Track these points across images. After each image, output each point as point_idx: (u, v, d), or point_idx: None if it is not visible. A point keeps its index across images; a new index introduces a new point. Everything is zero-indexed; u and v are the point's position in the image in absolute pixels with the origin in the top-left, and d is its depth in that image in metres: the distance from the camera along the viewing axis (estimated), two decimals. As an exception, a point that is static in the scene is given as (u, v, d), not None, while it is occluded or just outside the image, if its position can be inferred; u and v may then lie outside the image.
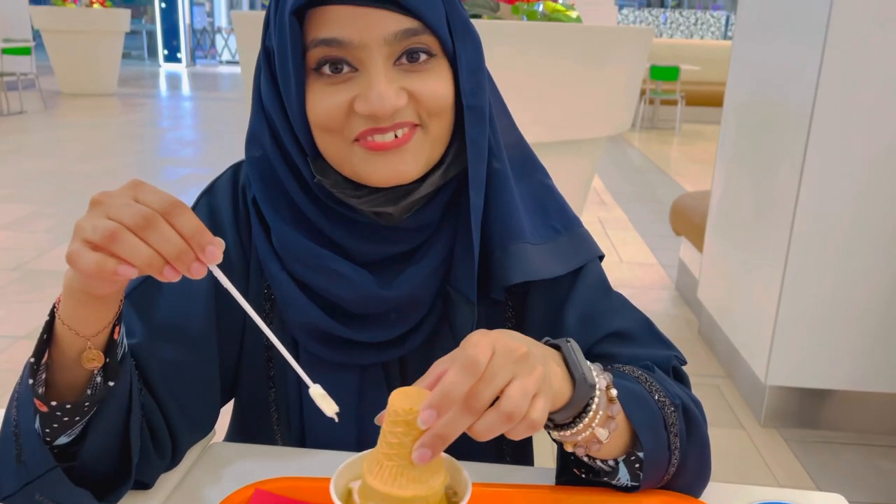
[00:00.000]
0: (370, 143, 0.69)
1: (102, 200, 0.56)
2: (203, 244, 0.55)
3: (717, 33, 15.45)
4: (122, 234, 0.53)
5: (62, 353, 0.62)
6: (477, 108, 0.73)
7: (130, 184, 0.58)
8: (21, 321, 3.05)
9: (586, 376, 0.60)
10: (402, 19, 0.67)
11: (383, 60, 0.67)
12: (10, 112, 8.40)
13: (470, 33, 0.72)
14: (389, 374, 0.82)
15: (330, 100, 0.69)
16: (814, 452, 2.30)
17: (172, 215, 0.55)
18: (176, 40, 16.16)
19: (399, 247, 0.77)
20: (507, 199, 0.75)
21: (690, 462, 0.69)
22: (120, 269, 0.54)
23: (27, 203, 4.78)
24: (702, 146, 7.81)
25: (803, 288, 2.31)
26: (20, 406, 0.64)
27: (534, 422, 0.53)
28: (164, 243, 0.54)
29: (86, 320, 0.60)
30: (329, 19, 0.67)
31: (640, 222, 4.85)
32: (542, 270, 0.75)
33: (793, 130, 2.29)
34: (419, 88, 0.69)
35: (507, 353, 0.53)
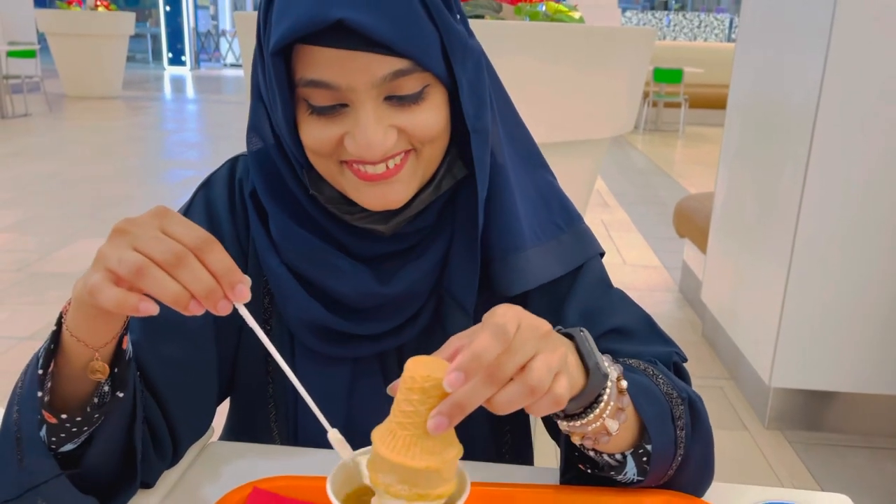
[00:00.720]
0: (360, 172, 0.69)
1: (128, 230, 0.54)
2: (233, 283, 0.54)
3: (721, 36, 15.44)
4: (149, 269, 0.52)
5: (68, 362, 0.61)
6: (482, 130, 0.71)
7: (156, 212, 0.56)
8: (24, 323, 3.05)
9: (600, 366, 0.60)
10: (392, 61, 0.64)
11: (373, 101, 0.65)
12: (14, 115, 8.42)
13: (468, 52, 0.69)
14: (386, 365, 0.81)
15: (321, 133, 0.68)
16: (818, 455, 2.29)
17: (203, 252, 0.54)
18: (180, 43, 16.21)
19: (397, 246, 0.76)
20: (507, 205, 0.75)
21: (694, 457, 0.69)
22: (142, 307, 0.53)
23: (31, 205, 4.79)
24: (705, 148, 7.80)
25: (807, 289, 2.30)
26: (22, 411, 0.63)
27: (558, 397, 0.52)
28: (194, 281, 0.53)
29: (94, 332, 0.59)
30: (315, 60, 0.64)
31: (644, 224, 4.84)
32: (541, 275, 0.75)
33: (796, 132, 2.28)
34: (410, 123, 0.67)
35: (532, 329, 0.53)
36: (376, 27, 0.61)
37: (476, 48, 0.71)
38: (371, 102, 0.65)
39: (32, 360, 0.65)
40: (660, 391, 0.67)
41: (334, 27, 0.61)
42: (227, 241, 0.79)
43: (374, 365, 0.81)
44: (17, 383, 0.65)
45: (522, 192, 0.78)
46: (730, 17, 15.57)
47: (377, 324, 0.78)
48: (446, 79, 0.68)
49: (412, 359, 0.53)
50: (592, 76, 2.09)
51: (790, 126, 2.34)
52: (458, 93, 0.69)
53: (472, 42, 0.70)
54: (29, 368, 0.65)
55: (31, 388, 0.62)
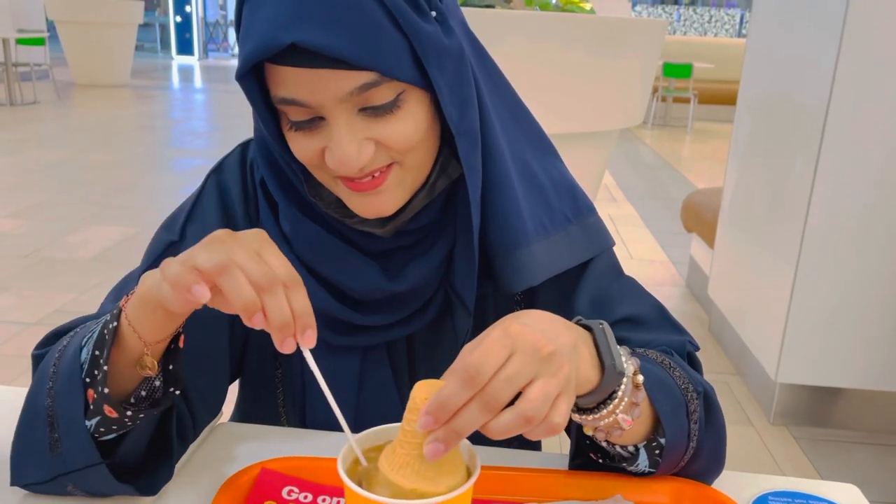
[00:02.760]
0: (348, 183, 0.68)
1: (226, 241, 0.55)
2: (307, 326, 0.55)
3: (732, 31, 15.35)
4: (234, 269, 0.53)
5: (122, 355, 0.61)
6: (468, 132, 0.69)
7: (256, 236, 0.57)
8: (32, 308, 3.06)
9: (616, 364, 0.58)
10: (356, 75, 0.62)
11: (345, 115, 0.64)
12: (23, 102, 8.44)
13: (444, 53, 0.65)
14: (395, 354, 0.81)
15: (305, 146, 0.67)
16: (824, 450, 2.28)
17: (292, 289, 0.55)
18: (189, 33, 16.21)
19: (402, 241, 0.76)
20: (506, 201, 0.72)
21: (707, 449, 0.69)
22: (195, 289, 0.54)
23: (39, 191, 4.80)
24: (714, 144, 7.77)
25: (815, 285, 2.29)
26: (59, 397, 0.62)
27: (554, 425, 0.51)
28: (274, 308, 0.54)
29: (152, 326, 0.60)
30: (283, 79, 0.63)
31: (652, 219, 4.83)
32: (546, 270, 0.74)
33: (807, 127, 2.27)
34: (387, 134, 0.65)
35: (530, 352, 0.51)
36: (332, 45, 0.59)
37: (454, 47, 0.66)
38: (343, 116, 0.64)
39: (71, 346, 0.64)
40: (676, 385, 0.67)
41: (290, 47, 0.60)
42: (240, 226, 0.79)
43: (383, 354, 0.80)
44: (50, 367, 0.65)
45: (528, 180, 0.76)
46: (740, 13, 15.47)
47: (385, 315, 0.77)
48: (423, 83, 0.65)
49: (420, 382, 0.53)
50: (603, 67, 2.08)
51: (801, 121, 2.33)
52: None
53: (449, 41, 0.66)
54: (65, 353, 0.64)
55: (71, 373, 0.61)
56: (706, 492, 0.69)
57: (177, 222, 0.78)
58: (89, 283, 3.34)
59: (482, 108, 0.71)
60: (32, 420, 0.64)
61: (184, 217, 0.78)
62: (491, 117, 0.72)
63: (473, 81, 0.70)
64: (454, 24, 0.67)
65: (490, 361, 0.50)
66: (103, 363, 0.60)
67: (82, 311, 2.99)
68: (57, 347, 0.67)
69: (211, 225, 0.77)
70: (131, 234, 4.03)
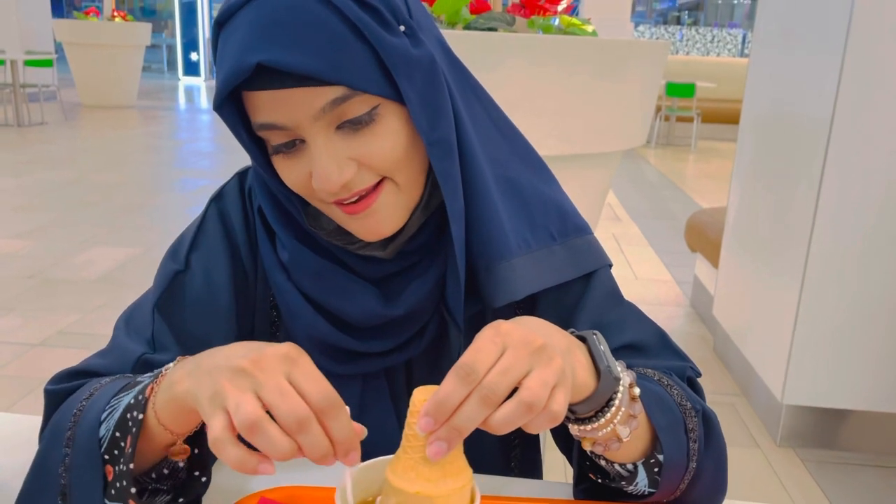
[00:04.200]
0: (341, 207, 0.68)
1: (251, 371, 0.52)
2: (349, 451, 0.53)
3: (734, 51, 15.43)
4: (263, 427, 0.50)
5: (146, 441, 0.60)
6: (440, 142, 0.68)
7: (286, 355, 0.53)
8: (36, 329, 3.07)
9: (611, 369, 0.59)
10: (325, 91, 0.62)
11: (323, 133, 0.64)
12: (31, 123, 8.52)
13: (413, 64, 0.65)
14: (394, 380, 0.81)
15: (292, 173, 0.67)
16: (831, 473, 2.26)
17: (329, 417, 0.52)
18: (195, 54, 16.36)
19: (400, 264, 0.76)
20: (487, 213, 0.72)
21: (707, 471, 0.68)
22: (261, 468, 0.51)
23: (45, 212, 4.83)
24: (717, 163, 7.78)
25: (821, 305, 2.28)
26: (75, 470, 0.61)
27: (554, 413, 0.52)
28: (310, 447, 0.51)
29: (181, 422, 0.58)
30: (257, 104, 0.64)
31: (655, 238, 4.83)
32: (528, 286, 0.73)
33: (810, 146, 2.27)
34: (366, 152, 0.66)
35: (521, 346, 0.52)
36: (297, 62, 0.60)
37: (424, 57, 0.66)
38: (321, 135, 0.64)
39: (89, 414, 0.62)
40: (673, 401, 0.67)
41: (259, 71, 0.61)
42: (242, 253, 0.79)
43: (382, 380, 0.80)
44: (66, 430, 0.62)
45: (511, 195, 0.75)
46: (743, 33, 15.56)
47: (383, 341, 0.77)
48: (396, 96, 0.65)
49: (418, 388, 0.54)
50: (606, 89, 2.09)
51: (804, 140, 2.33)
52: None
53: (417, 52, 0.66)
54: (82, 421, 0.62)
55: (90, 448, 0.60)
56: (710, 521, 0.69)
57: (182, 250, 0.78)
58: (94, 304, 3.35)
59: (458, 121, 0.71)
60: (42, 486, 0.63)
61: (188, 245, 0.78)
62: (468, 130, 0.72)
63: (448, 94, 0.70)
64: (425, 38, 0.68)
65: (483, 358, 0.51)
66: (128, 459, 0.58)
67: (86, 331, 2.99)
68: (72, 404, 0.65)
69: (214, 253, 0.78)
70: (137, 254, 4.04)
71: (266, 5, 0.61)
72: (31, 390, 2.58)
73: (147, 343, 0.74)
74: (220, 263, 0.78)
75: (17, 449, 0.67)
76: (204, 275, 0.77)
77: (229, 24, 0.64)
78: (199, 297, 0.76)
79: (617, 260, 4.26)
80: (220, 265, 0.78)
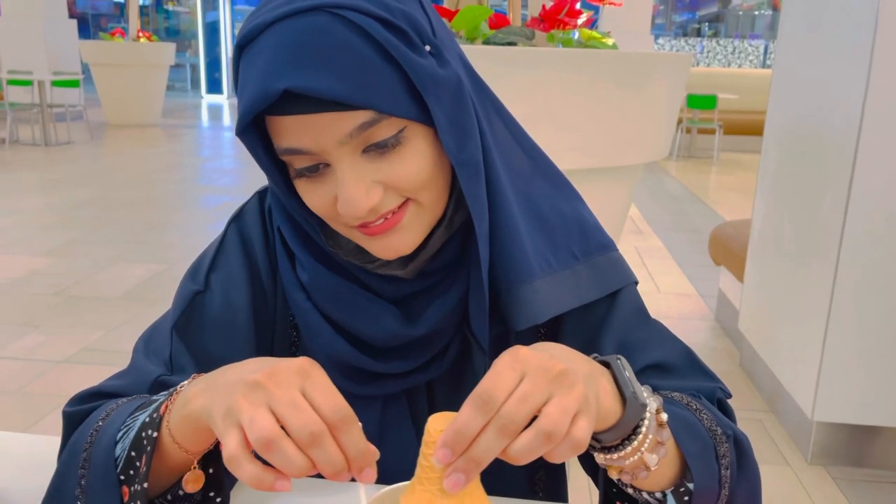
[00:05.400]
0: (363, 229, 0.67)
1: (266, 385, 0.51)
2: (363, 466, 0.52)
3: (756, 62, 15.32)
4: (278, 444, 0.49)
5: (162, 461, 0.60)
6: (468, 163, 0.67)
7: (300, 368, 0.53)
8: (61, 347, 3.10)
9: (637, 395, 0.57)
10: (353, 115, 0.61)
11: (349, 157, 0.63)
12: (58, 142, 8.67)
13: (441, 85, 0.64)
14: (415, 401, 0.80)
15: (316, 197, 0.66)
16: (863, 491, 2.20)
17: (341, 431, 0.51)
18: (218, 72, 16.59)
19: (421, 284, 0.74)
20: (511, 239, 0.71)
21: (740, 498, 0.65)
22: (277, 485, 0.51)
23: (71, 230, 4.90)
24: (740, 175, 7.70)
25: (851, 319, 2.23)
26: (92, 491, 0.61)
27: (577, 441, 0.50)
28: (324, 462, 0.50)
29: (196, 440, 0.58)
30: (282, 129, 0.63)
31: (678, 252, 4.78)
32: (551, 308, 0.71)
33: (838, 157, 2.23)
34: (393, 175, 0.65)
35: (541, 373, 0.50)
36: (325, 87, 0.59)
37: (451, 77, 0.65)
38: (347, 159, 0.63)
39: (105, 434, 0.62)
40: (703, 426, 0.64)
41: (285, 96, 0.60)
42: (262, 273, 0.78)
43: (403, 402, 0.79)
44: (82, 451, 0.62)
45: (532, 215, 0.74)
46: (764, 44, 15.45)
47: (404, 362, 0.76)
48: (423, 118, 0.64)
49: (434, 415, 0.52)
50: (627, 102, 2.07)
51: (831, 151, 2.29)
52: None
53: (444, 73, 0.65)
54: (98, 441, 0.62)
55: (106, 468, 0.60)
56: (743, 547, 0.66)
57: (201, 271, 0.78)
58: (118, 321, 3.37)
59: (482, 140, 0.70)
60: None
61: (207, 265, 0.78)
62: (491, 149, 0.71)
63: (474, 113, 0.69)
64: (450, 57, 0.67)
65: (501, 386, 0.49)
66: (143, 478, 0.58)
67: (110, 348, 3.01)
68: (89, 425, 0.65)
69: (234, 273, 0.77)
70: (160, 270, 4.08)
71: (290, 28, 0.60)
72: (55, 408, 2.59)
73: (165, 364, 0.73)
74: (240, 284, 0.77)
75: (35, 470, 0.66)
76: (223, 295, 0.76)
77: (252, 48, 0.62)
78: (218, 317, 0.76)
79: (640, 274, 4.21)
80: (239, 285, 0.77)
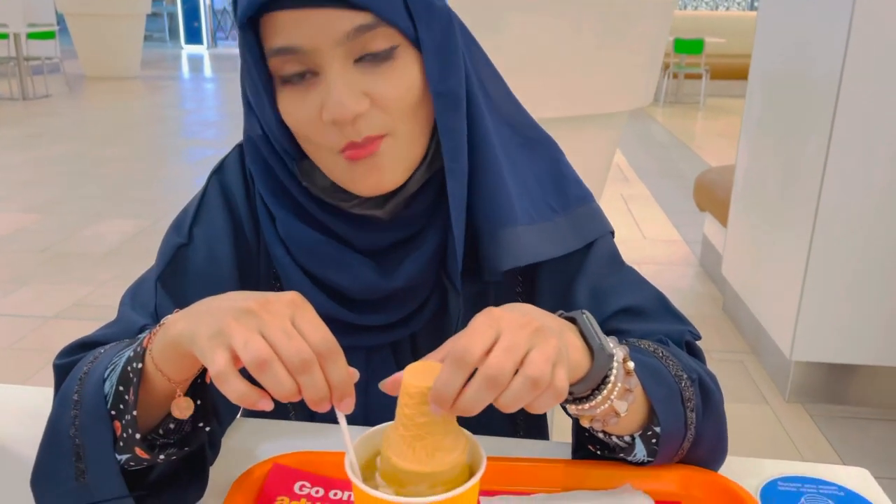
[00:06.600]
0: (347, 152, 0.68)
1: (258, 313, 0.53)
2: (344, 395, 0.54)
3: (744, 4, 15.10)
4: (272, 365, 0.51)
5: (148, 393, 0.61)
6: (448, 95, 0.68)
7: (290, 300, 0.55)
8: (50, 302, 3.11)
9: (604, 346, 0.59)
10: (353, 15, 0.63)
11: (340, 62, 0.64)
12: (35, 96, 8.50)
13: (434, 13, 0.67)
14: (400, 352, 0.82)
15: (300, 110, 0.67)
16: (839, 428, 2.28)
17: (328, 361, 0.53)
18: (197, 22, 16.19)
19: (397, 234, 0.75)
20: (494, 182, 0.72)
21: (707, 437, 0.69)
22: (260, 404, 0.52)
23: (53, 186, 4.85)
24: (726, 120, 7.69)
25: (829, 262, 2.27)
26: (85, 429, 0.62)
27: (559, 389, 0.53)
28: (310, 387, 0.53)
29: (179, 368, 0.59)
30: (279, 26, 0.64)
31: (664, 198, 4.80)
32: (534, 253, 0.73)
33: (820, 102, 2.24)
34: (381, 91, 0.66)
35: (518, 328, 0.53)
36: None
37: (444, 9, 0.68)
38: (338, 63, 0.64)
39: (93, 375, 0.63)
40: (669, 372, 0.67)
41: None
42: (244, 225, 0.79)
43: (389, 354, 0.81)
44: (73, 394, 0.63)
45: (513, 170, 0.75)
46: (752, -15, 15.21)
47: (384, 315, 0.78)
48: (415, 39, 0.66)
49: (408, 367, 0.54)
50: (611, 48, 2.06)
51: (813, 97, 2.30)
52: None
53: (439, 2, 0.68)
54: (87, 381, 0.63)
55: (96, 405, 0.61)
56: (715, 479, 0.70)
57: (184, 224, 0.79)
58: (106, 276, 3.38)
59: (469, 88, 0.71)
60: (56, 450, 0.63)
61: (190, 219, 0.78)
62: (477, 95, 0.72)
63: (461, 53, 0.70)
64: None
65: (476, 342, 0.52)
66: (131, 407, 0.59)
67: (100, 303, 3.02)
68: (78, 370, 0.66)
69: (217, 226, 0.78)
70: (146, 226, 4.07)
71: None
72: (48, 362, 2.60)
73: (150, 315, 0.74)
74: (223, 236, 0.78)
75: (33, 421, 0.68)
76: (207, 247, 0.77)
77: None
78: (202, 269, 0.77)
79: (625, 221, 4.25)
80: (222, 238, 0.78)
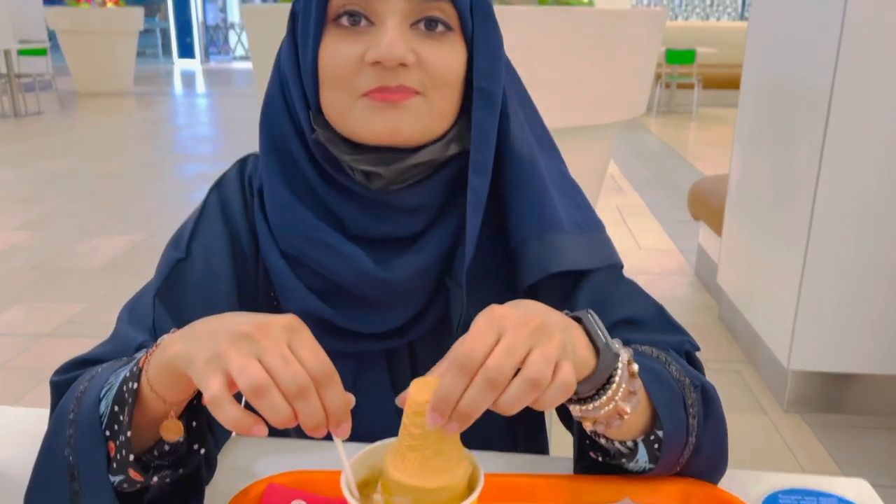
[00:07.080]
0: (376, 95, 0.69)
1: (256, 337, 0.53)
2: (340, 421, 0.54)
3: (734, 14, 15.23)
4: (269, 392, 0.51)
5: (143, 414, 0.60)
6: (488, 93, 0.72)
7: (288, 324, 0.54)
8: (42, 321, 3.08)
9: (609, 345, 0.59)
10: None
11: (400, 18, 0.68)
12: (27, 113, 8.48)
13: (491, 19, 0.72)
14: (396, 362, 0.81)
15: (343, 50, 0.69)
16: (838, 437, 2.27)
17: (325, 387, 0.53)
18: (189, 37, 16.24)
19: (398, 228, 0.75)
20: (541, 188, 0.75)
21: (707, 445, 0.68)
22: (255, 430, 0.52)
23: (47, 203, 4.83)
24: (719, 130, 7.73)
25: (825, 270, 2.27)
26: (80, 449, 0.61)
27: (566, 384, 0.52)
28: (307, 415, 0.52)
29: (174, 389, 0.58)
30: None
31: (658, 208, 4.81)
32: (579, 261, 0.75)
33: (811, 111, 2.25)
34: (429, 55, 0.69)
35: (520, 327, 0.52)
36: None
37: (497, 24, 0.73)
38: (398, 18, 0.68)
39: (89, 395, 0.62)
40: (671, 377, 0.67)
41: None
42: (242, 240, 0.79)
43: (382, 361, 0.80)
44: (69, 413, 0.62)
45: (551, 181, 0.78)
46: (742, -5, 15.34)
47: (379, 321, 0.77)
48: (469, 32, 0.70)
49: (415, 381, 0.54)
50: (603, 60, 2.07)
51: (805, 105, 2.31)
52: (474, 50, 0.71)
53: (494, 16, 0.73)
54: (83, 401, 0.62)
55: (91, 425, 0.60)
56: (714, 492, 0.69)
57: (183, 238, 0.79)
58: (100, 293, 3.36)
59: (506, 99, 0.75)
60: (51, 469, 0.63)
61: (189, 233, 0.79)
62: (517, 108, 0.76)
63: (503, 68, 0.74)
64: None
65: (479, 345, 0.51)
66: (125, 428, 0.58)
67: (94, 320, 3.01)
68: (75, 388, 0.65)
69: (215, 240, 0.78)
70: (140, 241, 4.05)
71: None
72: (41, 381, 2.60)
73: (148, 331, 0.74)
74: (221, 251, 0.78)
75: (24, 442, 0.67)
76: (205, 262, 0.77)
77: None
78: (200, 284, 0.76)
79: (621, 231, 4.25)
80: (220, 253, 0.78)
